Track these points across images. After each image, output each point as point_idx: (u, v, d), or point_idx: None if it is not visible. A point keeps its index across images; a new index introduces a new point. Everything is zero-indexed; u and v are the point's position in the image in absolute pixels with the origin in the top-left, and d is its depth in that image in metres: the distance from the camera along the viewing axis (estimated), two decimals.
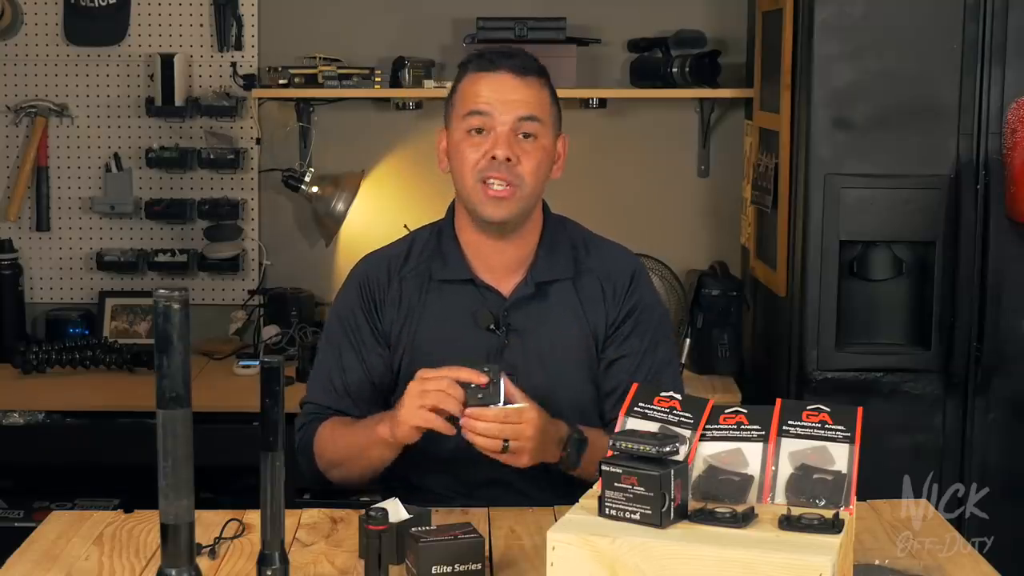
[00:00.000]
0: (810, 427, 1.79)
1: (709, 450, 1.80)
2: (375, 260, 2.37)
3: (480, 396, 2.03)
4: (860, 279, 3.30)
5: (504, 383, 2.05)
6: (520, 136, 2.21)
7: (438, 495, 2.26)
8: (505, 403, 2.04)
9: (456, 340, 2.25)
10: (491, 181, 2.20)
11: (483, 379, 2.03)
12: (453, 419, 2.05)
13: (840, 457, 1.75)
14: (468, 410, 2.03)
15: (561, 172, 2.32)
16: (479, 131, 2.21)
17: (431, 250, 2.32)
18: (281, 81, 3.91)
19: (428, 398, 2.04)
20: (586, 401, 2.26)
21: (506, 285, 2.29)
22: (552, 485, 2.21)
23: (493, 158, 2.19)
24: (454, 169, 2.26)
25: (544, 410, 2.10)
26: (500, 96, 2.21)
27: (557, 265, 2.31)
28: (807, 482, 1.74)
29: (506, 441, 2.04)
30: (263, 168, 4.09)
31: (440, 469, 2.27)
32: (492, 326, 2.25)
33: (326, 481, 2.32)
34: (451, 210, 2.34)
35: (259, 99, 4.01)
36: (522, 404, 2.05)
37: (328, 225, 3.99)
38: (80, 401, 3.60)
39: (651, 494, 1.66)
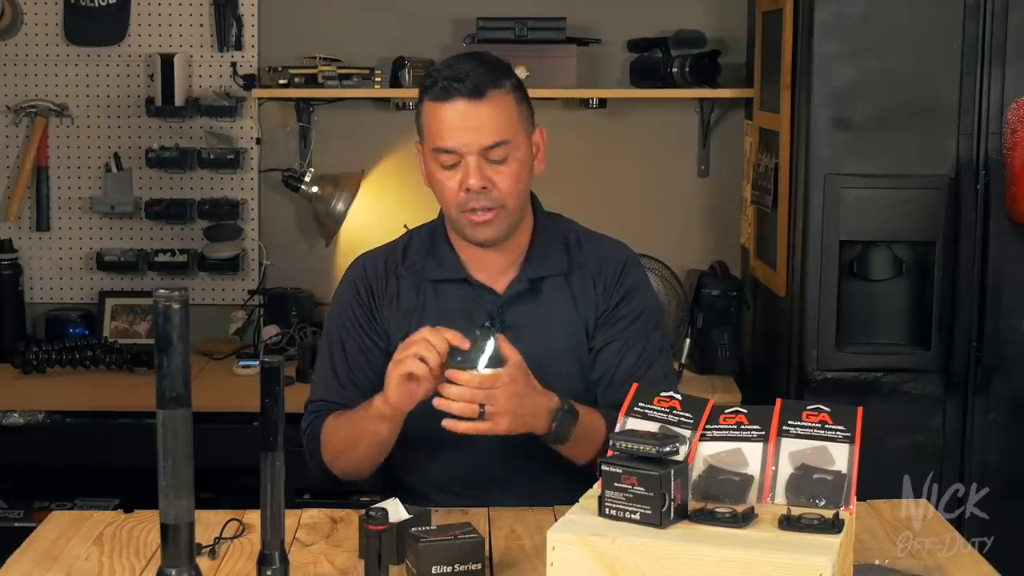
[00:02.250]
0: (810, 427, 1.79)
1: (709, 450, 1.80)
2: (372, 257, 2.38)
3: (459, 359, 2.01)
4: (860, 279, 3.30)
5: (500, 343, 2.02)
6: (490, 161, 2.19)
7: (440, 494, 2.27)
8: (495, 365, 2.01)
9: None
10: (473, 211, 2.20)
11: (466, 344, 2.01)
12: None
13: (840, 457, 1.75)
14: (446, 373, 2.01)
15: (543, 164, 2.29)
16: (450, 166, 2.20)
17: (426, 250, 2.33)
18: (281, 81, 3.91)
19: (410, 349, 2.03)
20: (580, 395, 2.26)
21: (500, 283, 2.30)
22: (554, 486, 2.22)
23: (468, 189, 2.18)
24: (435, 193, 2.26)
25: (534, 379, 2.07)
26: (460, 126, 2.17)
27: (549, 261, 2.31)
28: (807, 482, 1.74)
29: (482, 407, 2.01)
30: (263, 168, 4.09)
31: (440, 468, 2.28)
32: (487, 324, 2.26)
33: (334, 479, 2.30)
34: (443, 212, 2.34)
35: (259, 99, 4.01)
36: (498, 369, 2.01)
37: (328, 225, 3.99)
38: (80, 401, 3.60)
39: (651, 494, 1.66)
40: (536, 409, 2.08)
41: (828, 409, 1.80)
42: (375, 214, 4.04)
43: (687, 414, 1.85)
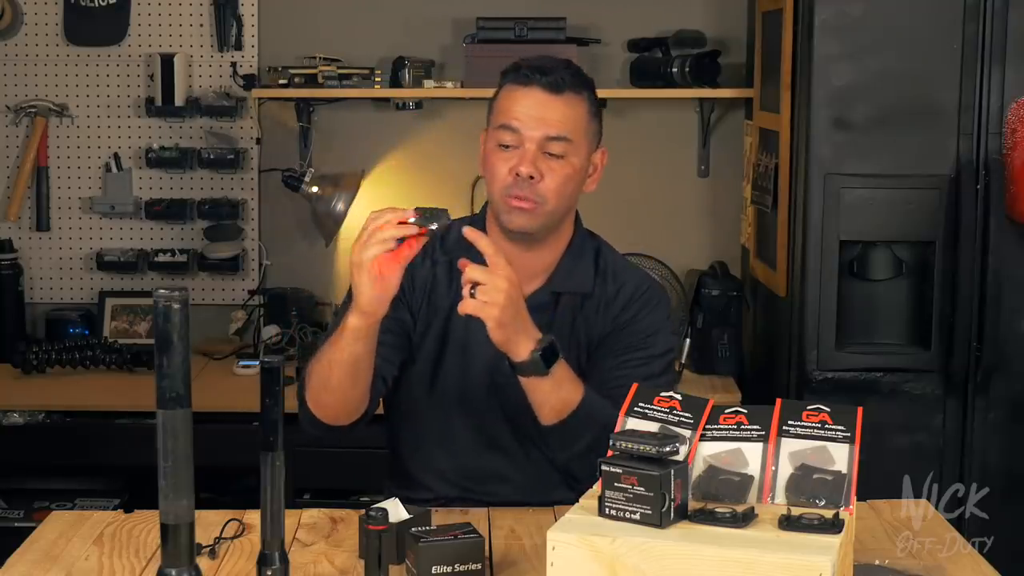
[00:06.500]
0: (810, 427, 1.79)
1: (709, 450, 1.80)
2: None
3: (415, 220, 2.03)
4: (860, 279, 3.30)
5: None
6: (546, 154, 2.20)
7: (439, 489, 2.28)
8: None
9: (474, 332, 2.23)
10: (516, 197, 2.19)
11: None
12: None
13: (840, 457, 1.75)
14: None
15: (595, 186, 2.31)
16: (508, 146, 2.20)
17: (464, 243, 2.31)
18: (281, 81, 3.91)
19: (372, 236, 2.06)
20: None
21: (526, 287, 2.26)
22: (552, 484, 2.23)
23: (517, 175, 2.18)
24: (486, 177, 2.26)
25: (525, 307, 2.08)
26: (530, 113, 2.19)
27: (576, 279, 2.30)
28: (807, 482, 1.74)
29: (473, 287, 2.02)
30: (263, 168, 4.09)
31: (442, 462, 2.29)
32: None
33: (323, 427, 2.19)
34: (485, 207, 2.35)
35: (259, 99, 4.01)
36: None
37: (328, 225, 3.98)
38: (80, 401, 3.60)
39: (651, 494, 1.66)
40: (524, 325, 2.06)
41: (828, 409, 1.80)
42: None
43: (687, 414, 1.84)
